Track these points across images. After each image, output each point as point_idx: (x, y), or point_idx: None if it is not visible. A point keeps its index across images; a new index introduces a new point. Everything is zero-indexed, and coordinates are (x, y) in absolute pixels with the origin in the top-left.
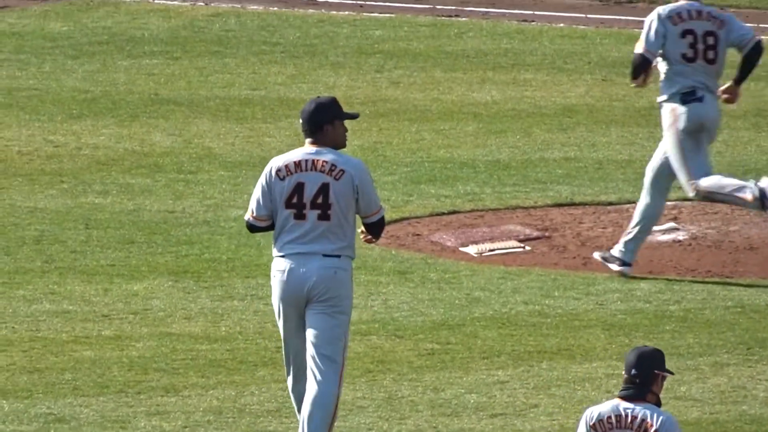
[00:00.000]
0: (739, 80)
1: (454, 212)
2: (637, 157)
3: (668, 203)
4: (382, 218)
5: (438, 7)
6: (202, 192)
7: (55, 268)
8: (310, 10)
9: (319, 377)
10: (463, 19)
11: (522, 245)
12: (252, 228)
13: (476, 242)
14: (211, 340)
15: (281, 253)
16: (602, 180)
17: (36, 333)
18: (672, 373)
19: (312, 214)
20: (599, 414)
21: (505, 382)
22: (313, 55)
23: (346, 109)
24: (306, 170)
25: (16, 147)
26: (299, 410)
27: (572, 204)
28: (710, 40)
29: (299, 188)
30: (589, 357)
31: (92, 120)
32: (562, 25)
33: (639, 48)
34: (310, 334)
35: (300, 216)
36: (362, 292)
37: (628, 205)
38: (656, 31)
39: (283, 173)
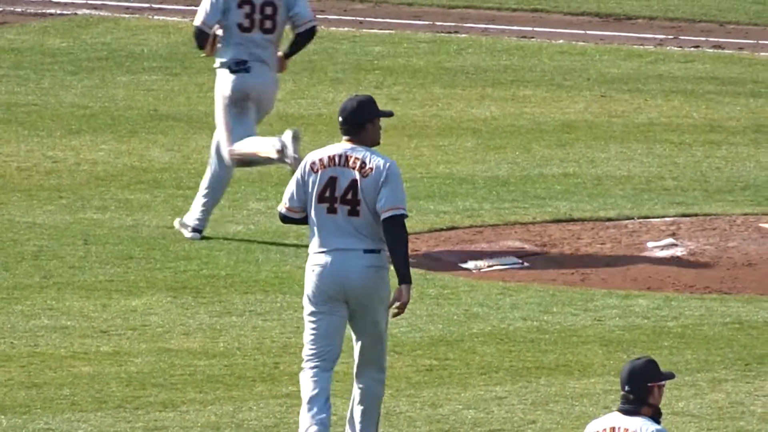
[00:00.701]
0: (288, 55)
1: (452, 228)
2: (635, 173)
3: (666, 219)
4: (400, 219)
5: (437, 23)
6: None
7: (54, 283)
8: None
9: (369, 378)
10: (463, 35)
11: (521, 261)
12: (285, 219)
13: (475, 258)
14: (210, 356)
15: (321, 249)
16: (601, 196)
17: (34, 348)
18: (671, 377)
19: (342, 209)
20: (596, 429)
21: (503, 398)
22: (312, 71)
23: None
24: (339, 165)
25: (15, 163)
26: (310, 405)
27: (571, 220)
28: (268, 11)
29: (332, 182)
30: (587, 373)
31: (91, 136)
32: (561, 41)
33: (197, 21)
34: (357, 338)
35: (332, 210)
36: None
37: (627, 221)
38: (213, 4)
39: (317, 166)
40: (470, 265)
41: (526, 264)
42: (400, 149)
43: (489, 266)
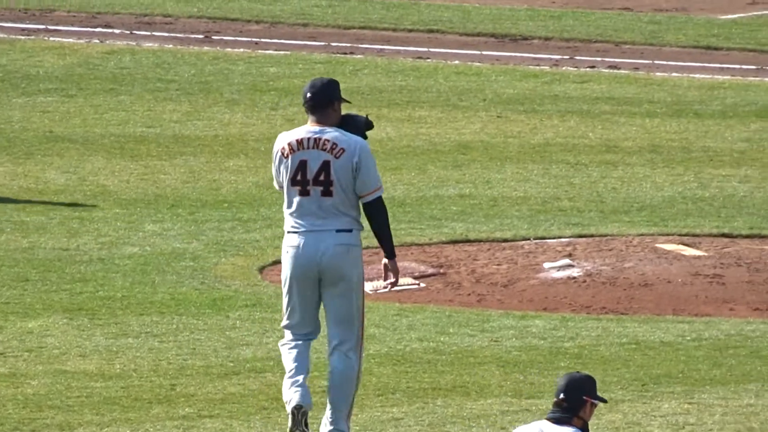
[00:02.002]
0: None
1: None
2: (532, 194)
3: (563, 240)
4: (380, 199)
5: (333, 44)
6: (96, 229)
7: None
8: (205, 48)
9: (340, 357)
10: (358, 56)
11: (417, 282)
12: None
13: (371, 279)
14: (106, 378)
15: (293, 230)
16: (497, 217)
17: None
18: (604, 401)
19: (315, 191)
20: None
21: (399, 419)
22: (208, 92)
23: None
24: (308, 148)
25: None
26: (294, 374)
27: (467, 241)
28: None
29: (302, 166)
30: (484, 394)
31: None
32: (457, 62)
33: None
34: (328, 316)
35: (305, 192)
36: (257, 330)
37: (523, 242)
38: None
39: (287, 151)
40: (367, 286)
41: (422, 285)
42: None
43: (385, 287)
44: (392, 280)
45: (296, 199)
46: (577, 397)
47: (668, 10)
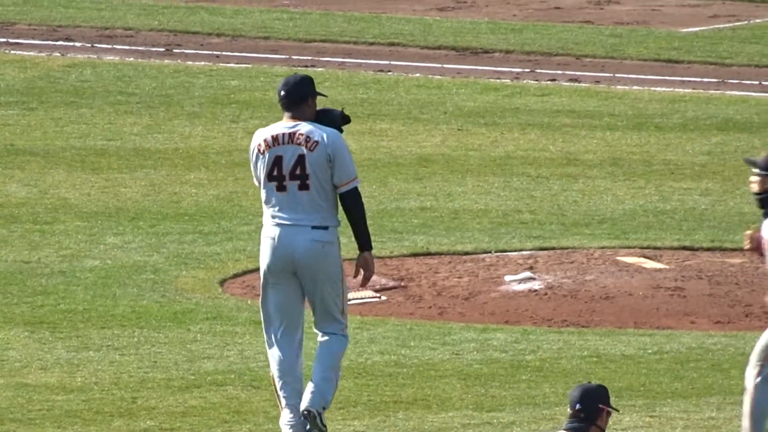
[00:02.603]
0: None
1: None
2: (493, 207)
3: (524, 253)
4: (357, 189)
5: (294, 57)
6: (57, 242)
7: None
8: (166, 61)
9: (325, 344)
10: (320, 69)
11: (378, 295)
12: None
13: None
14: (67, 391)
15: (271, 223)
16: (458, 230)
17: None
18: (617, 411)
19: (292, 185)
20: None
21: None
22: (169, 105)
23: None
24: (283, 144)
25: None
26: (279, 376)
27: (428, 254)
28: None
29: (278, 161)
30: (445, 407)
31: None
32: (418, 75)
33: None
34: (313, 311)
35: (281, 188)
36: (218, 343)
37: (484, 255)
38: None
39: (263, 147)
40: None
41: (383, 298)
42: None
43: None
44: (364, 274)
45: (273, 194)
46: (593, 407)
47: (629, 24)
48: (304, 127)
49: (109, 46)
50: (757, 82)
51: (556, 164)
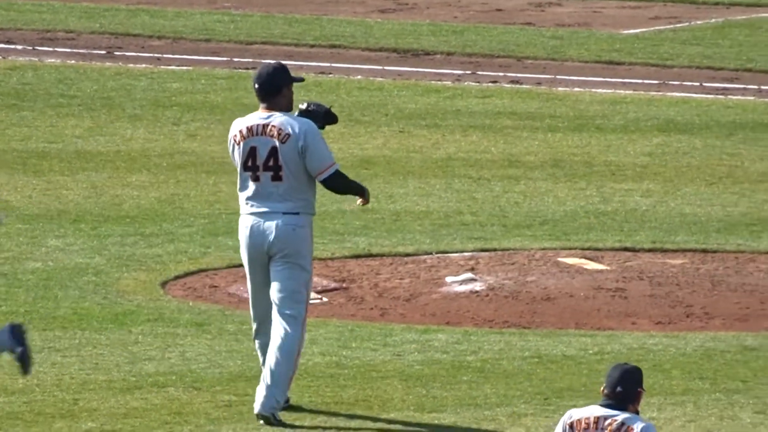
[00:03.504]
0: None
1: None
2: (434, 209)
3: (465, 254)
4: (337, 173)
5: (235, 59)
6: None
7: None
8: (108, 63)
9: (281, 330)
10: None
11: (320, 296)
12: None
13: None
14: (8, 393)
15: (246, 212)
16: (399, 231)
17: None
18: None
19: (265, 176)
20: (579, 415)
21: None
22: (111, 107)
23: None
24: (257, 135)
25: None
26: (263, 362)
27: (370, 255)
28: None
29: (253, 152)
30: (386, 408)
31: None
32: (359, 77)
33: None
34: (273, 288)
35: (256, 178)
36: (159, 344)
37: (426, 256)
38: None
39: (238, 138)
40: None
41: (324, 299)
42: (199, 185)
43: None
44: (361, 200)
45: (249, 184)
46: (632, 389)
47: (570, 26)
48: (277, 119)
49: (51, 49)
50: (698, 84)
51: (497, 166)
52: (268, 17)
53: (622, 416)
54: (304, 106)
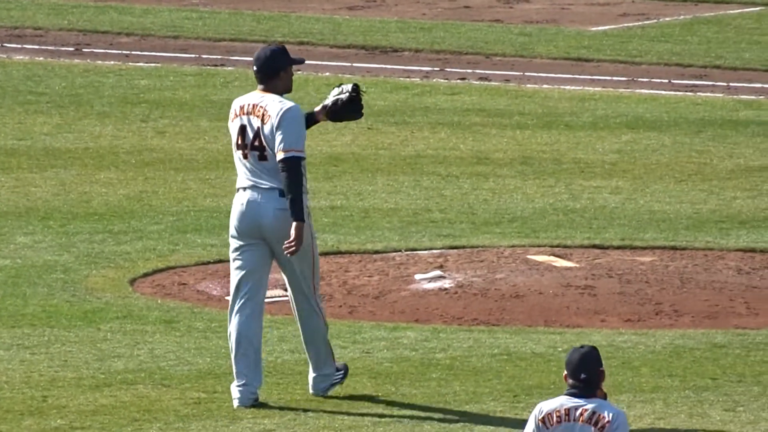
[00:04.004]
0: None
1: (220, 261)
2: (402, 206)
3: (434, 251)
4: (296, 161)
5: (204, 56)
6: None
7: None
8: (76, 60)
9: (302, 316)
10: (229, 68)
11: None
12: None
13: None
14: None
15: (240, 186)
16: (368, 228)
17: None
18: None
19: (253, 155)
20: (549, 408)
21: (271, 430)
22: (79, 104)
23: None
24: (246, 114)
25: None
26: (236, 347)
27: (338, 253)
28: None
29: (242, 130)
30: (355, 405)
31: None
32: (327, 74)
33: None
34: (283, 276)
35: (245, 156)
36: (128, 342)
37: (394, 254)
38: None
39: (232, 116)
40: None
41: None
42: (167, 182)
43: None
44: (288, 242)
45: (240, 161)
46: (595, 372)
47: (539, 22)
48: (266, 100)
49: (19, 46)
50: (667, 81)
51: (466, 163)
52: (237, 14)
53: (591, 405)
54: (331, 99)
